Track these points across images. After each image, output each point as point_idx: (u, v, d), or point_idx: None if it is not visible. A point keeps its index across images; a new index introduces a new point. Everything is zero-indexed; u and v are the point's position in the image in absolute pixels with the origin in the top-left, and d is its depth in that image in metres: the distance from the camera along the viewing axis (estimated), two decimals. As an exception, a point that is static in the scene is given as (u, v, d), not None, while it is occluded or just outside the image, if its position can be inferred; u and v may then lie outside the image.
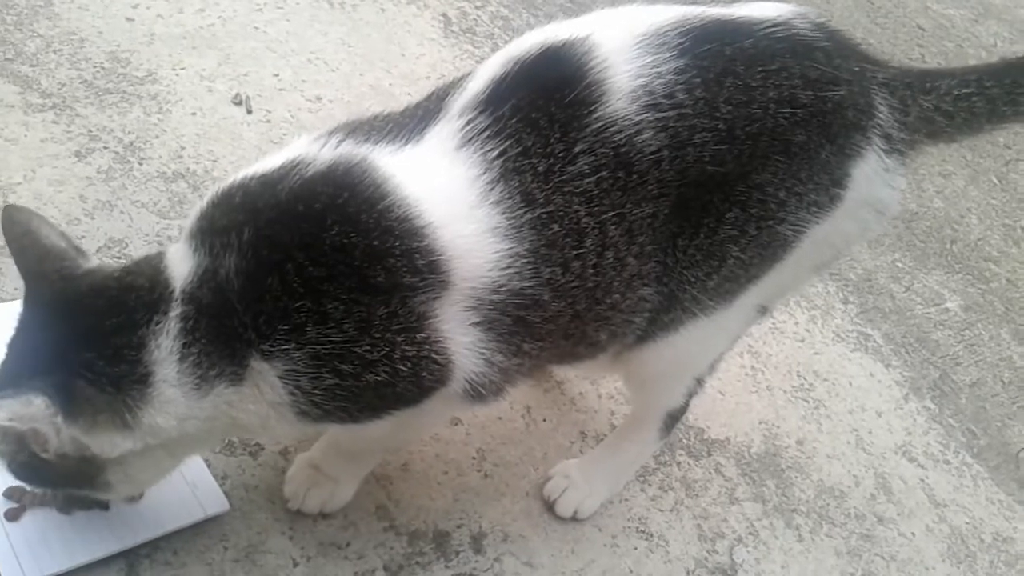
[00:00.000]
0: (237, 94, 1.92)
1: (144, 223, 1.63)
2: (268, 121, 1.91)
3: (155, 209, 1.66)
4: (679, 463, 1.66)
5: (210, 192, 1.07)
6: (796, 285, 1.39)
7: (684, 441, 1.69)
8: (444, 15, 2.39)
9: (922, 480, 1.82)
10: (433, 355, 1.04)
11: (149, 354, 1.00)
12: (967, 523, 1.78)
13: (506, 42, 2.36)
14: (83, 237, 1.57)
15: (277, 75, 2.01)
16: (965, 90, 1.21)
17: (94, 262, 1.09)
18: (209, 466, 1.35)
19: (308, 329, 1.00)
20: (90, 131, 1.74)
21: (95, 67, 1.85)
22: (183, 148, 1.78)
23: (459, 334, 1.06)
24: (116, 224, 1.61)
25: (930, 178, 2.56)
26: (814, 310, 2.06)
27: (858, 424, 1.87)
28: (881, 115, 1.17)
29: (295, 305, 0.99)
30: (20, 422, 0.97)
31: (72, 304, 1.03)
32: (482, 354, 1.08)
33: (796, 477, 1.73)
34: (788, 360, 1.93)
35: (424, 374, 1.05)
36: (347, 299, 1.00)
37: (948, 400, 2.00)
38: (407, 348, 1.03)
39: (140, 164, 1.72)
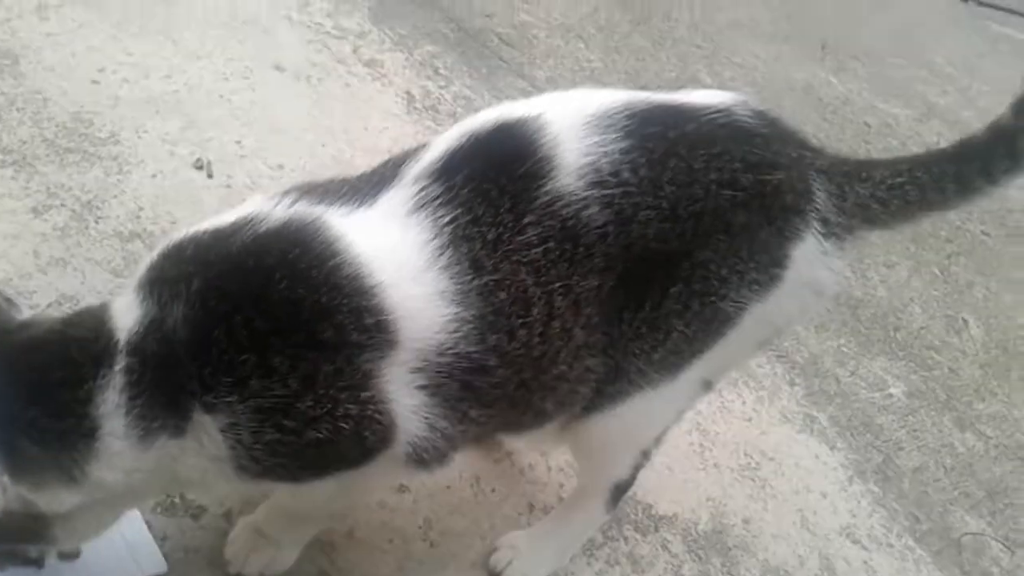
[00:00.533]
0: (199, 159, 1.94)
1: (97, 281, 1.62)
2: (229, 186, 1.92)
3: (109, 267, 1.66)
4: (626, 538, 1.66)
5: (161, 244, 1.08)
6: (739, 360, 1.42)
7: (632, 516, 1.69)
8: (408, 92, 2.45)
9: (866, 562, 1.83)
10: (376, 415, 1.05)
11: (96, 408, 1.00)
12: (909, 607, 1.79)
13: (467, 121, 2.44)
14: (35, 292, 1.56)
15: (239, 142, 2.04)
16: (898, 179, 1.26)
17: (26, 312, 1.08)
18: (149, 527, 1.32)
19: (252, 382, 1.00)
20: (48, 188, 1.74)
21: (57, 126, 1.86)
22: (141, 209, 1.79)
23: (404, 396, 1.06)
24: (69, 281, 1.60)
25: (875, 267, 2.63)
26: (761, 391, 2.10)
27: (803, 504, 1.88)
28: (819, 200, 1.22)
29: (240, 358, 0.99)
30: None
31: (11, 359, 1.02)
32: (426, 418, 1.09)
33: (742, 556, 1.73)
34: (736, 439, 1.95)
35: (366, 434, 1.05)
36: (293, 354, 1.00)
37: (891, 484, 2.03)
38: (350, 406, 1.03)
39: (97, 223, 1.72)
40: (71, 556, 1.23)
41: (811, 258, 1.23)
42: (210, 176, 1.92)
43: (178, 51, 2.19)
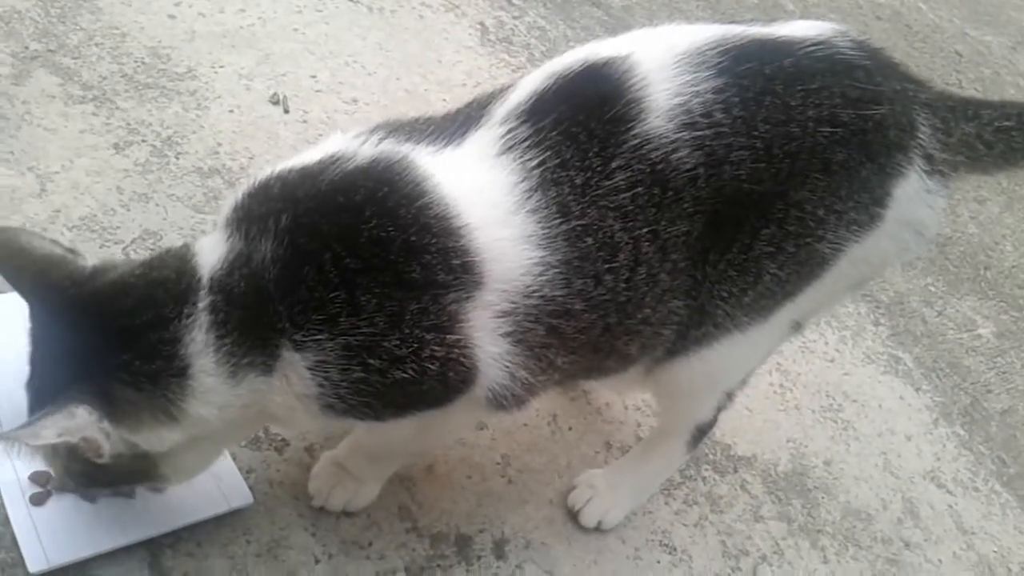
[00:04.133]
0: (275, 93, 1.93)
1: (179, 216, 1.64)
2: (305, 121, 1.91)
3: (190, 203, 1.67)
4: (705, 478, 1.64)
5: (246, 183, 1.07)
6: (833, 302, 1.38)
7: (710, 456, 1.67)
8: (482, 23, 2.39)
9: (950, 507, 1.79)
10: (461, 358, 1.04)
11: (184, 347, 1.00)
12: (995, 552, 1.75)
13: (542, 52, 2.39)
14: (118, 228, 1.58)
15: (314, 76, 2.02)
16: (1006, 123, 1.20)
17: (91, 260, 1.08)
18: (235, 459, 1.34)
19: (341, 320, 0.99)
20: (129, 124, 1.75)
21: (136, 62, 1.87)
22: (220, 144, 1.79)
23: (488, 343, 1.05)
24: (151, 217, 1.62)
25: (965, 203, 2.53)
26: (844, 331, 2.04)
27: (887, 447, 1.84)
28: (923, 135, 1.16)
29: (330, 295, 0.99)
30: (70, 435, 0.97)
31: (92, 307, 1.02)
32: (508, 367, 1.08)
33: (823, 498, 1.70)
34: (817, 380, 1.91)
35: (451, 375, 1.05)
36: (381, 292, 1.00)
37: (978, 427, 1.97)
38: (436, 348, 1.02)
39: (177, 159, 1.73)
40: (159, 488, 1.26)
41: (913, 196, 1.18)
42: (286, 111, 1.91)
43: (252, -17, 2.17)
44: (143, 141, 1.73)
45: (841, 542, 1.64)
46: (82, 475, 1.08)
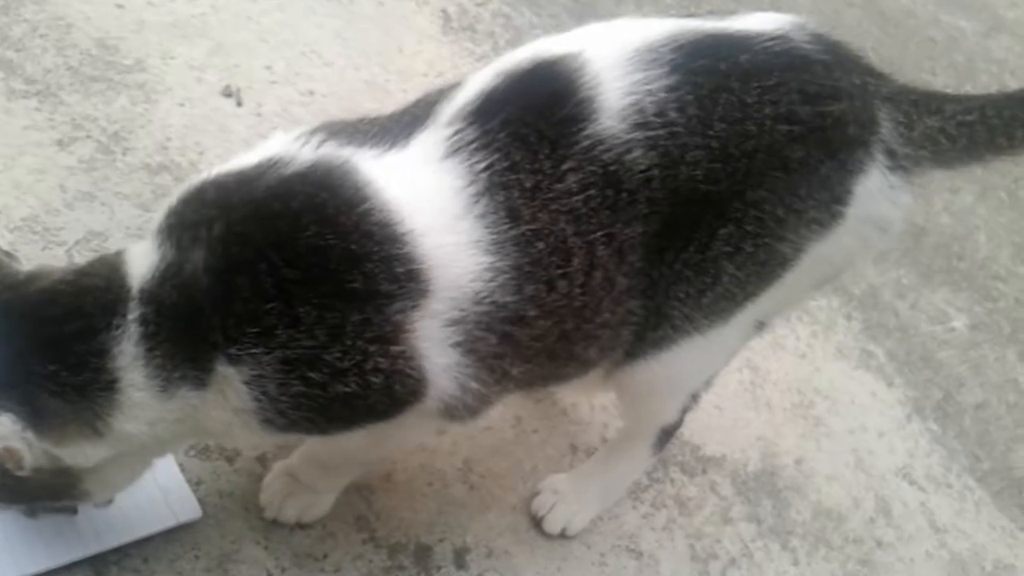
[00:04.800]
0: (228, 86, 1.87)
1: (126, 216, 1.57)
2: (259, 115, 1.85)
3: (138, 202, 1.61)
4: (673, 480, 1.60)
5: (181, 188, 1.03)
6: (796, 300, 1.35)
7: (679, 457, 1.64)
8: (444, 11, 2.33)
9: (923, 504, 1.76)
10: (408, 370, 1.00)
11: (113, 359, 0.97)
12: (968, 549, 1.72)
13: (507, 41, 2.33)
14: (62, 228, 1.52)
15: (269, 67, 1.95)
16: (968, 117, 1.18)
17: (26, 265, 1.04)
18: (183, 471, 1.30)
19: (278, 332, 0.95)
20: (74, 119, 1.68)
21: (81, 54, 1.80)
22: (169, 139, 1.72)
23: (436, 354, 1.01)
24: (96, 216, 1.56)
25: (938, 193, 2.50)
26: (816, 325, 2.01)
27: (858, 444, 1.81)
28: (884, 130, 1.13)
29: (266, 307, 0.95)
30: None
31: (22, 313, 0.99)
32: (458, 378, 1.04)
33: (793, 497, 1.67)
34: (788, 376, 1.87)
35: (397, 387, 1.01)
36: (320, 303, 0.95)
37: (951, 422, 1.95)
38: (380, 359, 0.98)
39: (124, 155, 1.67)
40: (104, 503, 1.21)
41: (876, 193, 1.14)
42: (239, 104, 1.85)
43: (204, -30, 2.10)
44: (88, 137, 1.67)
45: (812, 543, 1.61)
46: (1, 489, 1.03)
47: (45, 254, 1.47)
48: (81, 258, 1.48)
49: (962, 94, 1.26)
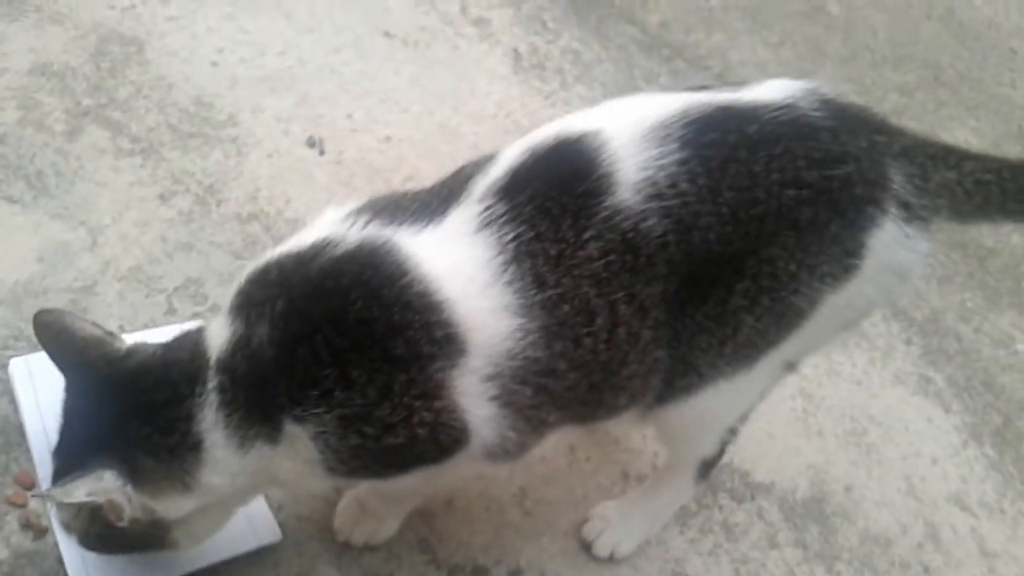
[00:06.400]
0: (311, 136, 2.03)
1: (219, 263, 1.75)
2: (339, 162, 2.01)
3: (230, 249, 1.78)
4: (721, 506, 1.69)
5: (247, 269, 1.17)
6: (823, 343, 1.41)
7: (727, 484, 1.72)
8: (515, 50, 2.45)
9: (974, 529, 1.80)
10: (451, 421, 1.12)
11: (197, 423, 1.11)
12: (1017, 574, 1.75)
13: (575, 77, 2.46)
14: (162, 277, 1.69)
15: (350, 115, 2.11)
16: (986, 176, 1.24)
17: (127, 342, 1.20)
18: (266, 497, 1.45)
19: (336, 394, 1.09)
20: (173, 174, 1.87)
21: (180, 111, 1.99)
22: (258, 190, 1.90)
23: (476, 407, 1.13)
24: (193, 264, 1.73)
25: (1009, 212, 2.49)
26: (874, 351, 2.05)
27: (911, 471, 1.86)
28: (896, 184, 1.20)
29: (323, 372, 1.08)
30: (97, 496, 1.09)
31: (122, 384, 1.15)
32: (496, 428, 1.15)
33: (841, 523, 1.73)
34: (842, 403, 1.93)
35: (442, 437, 1.13)
36: (370, 367, 1.08)
37: (1009, 447, 1.97)
38: (425, 413, 1.10)
39: (218, 206, 1.84)
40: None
41: (891, 244, 1.21)
42: (322, 153, 2.01)
43: (291, 25, 2.27)
44: (187, 190, 1.85)
45: (857, 568, 1.68)
46: (99, 539, 1.20)
47: (148, 300, 1.65)
48: (180, 303, 1.66)
49: (981, 153, 1.30)
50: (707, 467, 1.52)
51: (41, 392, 1.42)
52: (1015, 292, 2.31)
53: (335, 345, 1.08)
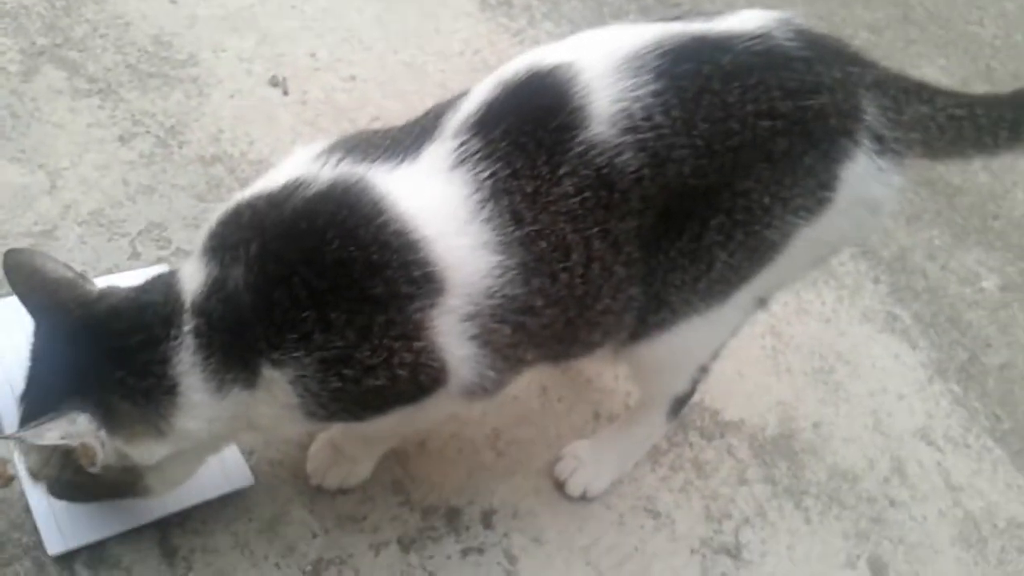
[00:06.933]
0: (274, 76, 1.98)
1: (183, 206, 1.71)
2: (304, 103, 1.97)
3: (194, 192, 1.74)
4: (691, 444, 1.70)
5: (219, 210, 1.14)
6: (795, 277, 1.42)
7: (697, 422, 1.74)
8: (482, -13, 2.41)
9: (939, 464, 1.83)
10: (430, 361, 1.11)
11: (173, 367, 1.09)
12: (982, 507, 1.79)
13: (543, 14, 2.41)
14: (125, 220, 1.66)
15: (313, 54, 2.07)
16: (958, 111, 1.23)
17: (98, 285, 1.17)
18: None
19: (314, 337, 1.07)
20: (133, 115, 1.82)
21: (139, 51, 1.93)
22: (221, 131, 1.86)
23: (455, 347, 1.12)
24: (156, 208, 1.70)
25: (977, 150, 2.50)
26: (842, 290, 2.07)
27: (878, 406, 1.88)
28: (870, 116, 1.19)
29: (302, 315, 1.06)
30: (70, 439, 1.06)
31: (94, 327, 1.12)
32: (475, 366, 1.15)
33: (809, 460, 1.76)
34: (811, 341, 1.95)
35: (421, 378, 1.12)
36: (349, 308, 1.07)
37: (974, 383, 2.00)
38: (405, 354, 1.09)
39: (180, 148, 1.80)
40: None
41: (864, 177, 1.21)
42: (285, 93, 1.97)
43: (252, -39, 2.21)
44: (147, 132, 1.80)
45: (825, 503, 1.70)
46: (69, 486, 1.18)
47: (111, 245, 1.62)
48: (144, 248, 1.63)
49: (953, 90, 1.30)
50: (679, 405, 1.53)
51: (1, 338, 1.39)
52: (982, 230, 2.33)
53: (313, 287, 1.06)
